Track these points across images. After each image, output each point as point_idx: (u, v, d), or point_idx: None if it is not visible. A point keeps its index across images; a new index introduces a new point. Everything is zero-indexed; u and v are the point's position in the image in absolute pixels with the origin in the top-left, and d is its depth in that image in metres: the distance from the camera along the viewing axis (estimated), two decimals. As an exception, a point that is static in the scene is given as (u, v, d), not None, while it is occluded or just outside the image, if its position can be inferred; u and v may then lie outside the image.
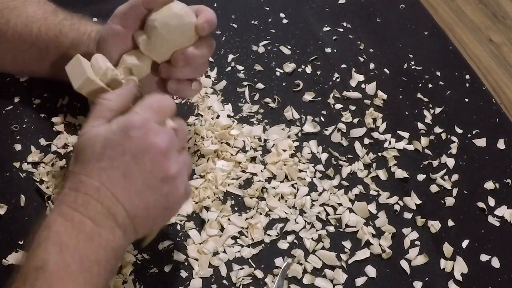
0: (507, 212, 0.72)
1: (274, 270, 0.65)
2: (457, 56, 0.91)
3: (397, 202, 0.72)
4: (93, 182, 0.51)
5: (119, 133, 0.52)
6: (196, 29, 0.63)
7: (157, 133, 0.53)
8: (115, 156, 0.52)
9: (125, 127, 0.53)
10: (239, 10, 0.93)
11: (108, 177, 0.51)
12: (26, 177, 0.69)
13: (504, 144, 0.79)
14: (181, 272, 0.64)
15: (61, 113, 0.75)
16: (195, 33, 0.63)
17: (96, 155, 0.52)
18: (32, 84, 0.78)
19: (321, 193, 0.72)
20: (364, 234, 0.68)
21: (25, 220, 0.65)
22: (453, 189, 0.73)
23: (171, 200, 0.55)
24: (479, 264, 0.67)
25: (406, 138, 0.78)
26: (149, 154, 0.52)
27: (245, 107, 0.80)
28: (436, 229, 0.69)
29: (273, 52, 0.88)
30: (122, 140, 0.52)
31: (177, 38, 0.63)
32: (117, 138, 0.52)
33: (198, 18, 0.63)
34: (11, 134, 0.73)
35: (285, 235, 0.68)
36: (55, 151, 0.72)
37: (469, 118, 0.82)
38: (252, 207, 0.70)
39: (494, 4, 1.02)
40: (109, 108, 0.56)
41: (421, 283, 0.65)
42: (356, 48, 0.90)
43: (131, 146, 0.52)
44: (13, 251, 0.63)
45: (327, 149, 0.76)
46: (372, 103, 0.82)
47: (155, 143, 0.53)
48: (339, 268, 0.65)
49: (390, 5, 0.97)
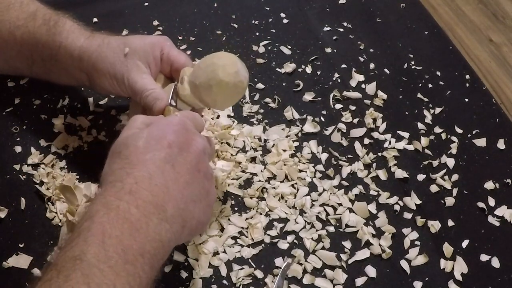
0: (507, 212, 0.72)
1: (274, 270, 0.65)
2: (457, 56, 0.91)
3: (397, 202, 0.72)
4: (142, 173, 0.49)
5: (161, 128, 0.53)
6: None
7: (194, 132, 0.56)
8: (161, 148, 0.52)
9: (166, 124, 0.54)
10: (240, 10, 0.93)
11: (158, 168, 0.50)
12: (26, 179, 0.69)
13: (504, 144, 0.79)
14: (181, 272, 0.64)
15: (61, 114, 0.76)
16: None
17: (140, 149, 0.51)
18: (32, 85, 0.78)
19: (321, 193, 0.72)
20: (364, 234, 0.68)
21: (25, 223, 0.66)
22: (453, 189, 0.73)
23: (211, 199, 0.55)
24: (479, 264, 0.67)
25: (406, 138, 0.78)
26: (192, 148, 0.53)
27: (245, 107, 0.80)
28: (436, 229, 0.69)
29: (273, 52, 0.88)
30: (165, 133, 0.53)
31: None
32: (159, 133, 0.53)
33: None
34: (11, 136, 0.73)
35: (285, 235, 0.68)
36: (55, 152, 0.72)
37: (469, 118, 0.82)
38: (252, 207, 0.70)
39: (494, 4, 1.02)
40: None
41: (421, 283, 0.65)
42: (356, 48, 0.90)
43: (175, 138, 0.53)
44: (14, 254, 0.63)
45: (327, 149, 0.76)
46: (372, 103, 0.82)
47: (195, 140, 0.54)
48: (339, 268, 0.65)
49: (390, 5, 0.97)
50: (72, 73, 0.68)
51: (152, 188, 0.49)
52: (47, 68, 0.69)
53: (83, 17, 0.71)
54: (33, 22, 0.67)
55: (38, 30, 0.67)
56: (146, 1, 0.93)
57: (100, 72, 0.65)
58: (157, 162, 0.51)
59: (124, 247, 0.45)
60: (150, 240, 0.47)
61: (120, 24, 0.88)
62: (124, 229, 0.46)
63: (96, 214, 0.47)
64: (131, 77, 0.64)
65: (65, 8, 0.71)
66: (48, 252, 0.63)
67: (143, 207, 0.48)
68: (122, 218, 0.46)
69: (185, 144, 0.53)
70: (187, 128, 0.55)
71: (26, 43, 0.68)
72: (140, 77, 0.64)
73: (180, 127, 0.54)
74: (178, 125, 0.55)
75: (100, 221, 0.46)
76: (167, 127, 0.54)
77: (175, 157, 0.52)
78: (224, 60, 0.61)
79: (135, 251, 0.46)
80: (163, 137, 0.53)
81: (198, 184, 0.53)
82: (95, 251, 0.44)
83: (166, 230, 0.49)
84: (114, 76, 0.64)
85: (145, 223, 0.47)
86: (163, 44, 0.67)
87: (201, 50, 0.86)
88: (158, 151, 0.51)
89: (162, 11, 0.92)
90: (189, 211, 0.52)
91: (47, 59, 0.68)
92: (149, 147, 0.52)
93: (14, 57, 0.70)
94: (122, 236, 0.46)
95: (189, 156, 0.53)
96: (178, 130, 0.54)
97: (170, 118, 0.56)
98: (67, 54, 0.66)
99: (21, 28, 0.67)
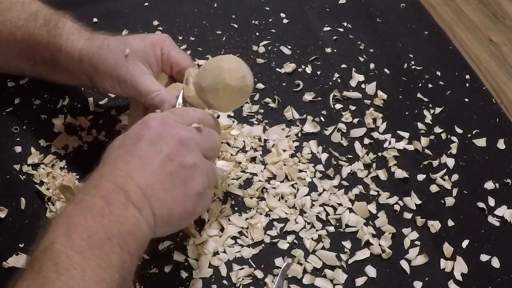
0: (507, 212, 0.72)
1: (274, 270, 0.65)
2: (457, 56, 0.91)
3: (397, 202, 0.72)
4: (107, 168, 0.52)
5: (138, 126, 0.55)
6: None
7: (175, 125, 0.55)
8: (132, 143, 0.53)
9: (144, 120, 0.55)
10: (240, 10, 0.93)
11: (123, 161, 0.52)
12: (26, 179, 0.69)
13: (504, 144, 0.79)
14: (181, 272, 0.64)
15: (61, 114, 0.76)
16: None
17: (114, 148, 0.54)
18: (32, 85, 0.78)
19: (321, 193, 0.72)
20: (364, 234, 0.68)
21: (25, 223, 0.66)
22: (453, 189, 0.73)
23: (190, 188, 0.54)
24: (479, 264, 0.67)
25: (406, 138, 0.78)
26: (166, 140, 0.54)
27: (245, 107, 0.80)
28: (436, 229, 0.69)
29: (273, 52, 0.88)
30: (139, 129, 0.54)
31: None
32: (135, 130, 0.55)
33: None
34: (11, 136, 0.73)
35: (285, 235, 0.68)
36: (55, 152, 0.72)
37: (469, 118, 0.82)
38: (252, 207, 0.70)
39: (494, 4, 1.02)
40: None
41: (421, 283, 0.65)
42: (356, 48, 0.90)
43: (148, 133, 0.54)
44: (14, 254, 0.63)
45: (327, 149, 0.76)
46: (372, 103, 0.82)
47: (172, 132, 0.55)
48: (339, 268, 0.65)
49: (390, 5, 0.97)
50: (73, 74, 0.68)
51: (115, 178, 0.50)
52: (49, 68, 0.69)
53: (83, 17, 0.71)
54: (34, 23, 0.67)
55: (39, 31, 0.67)
56: (146, 1, 0.93)
57: (101, 73, 0.65)
58: (124, 156, 0.52)
59: (90, 233, 0.47)
60: (116, 223, 0.48)
61: (120, 24, 0.88)
62: (88, 217, 0.47)
63: (64, 210, 0.49)
64: (134, 79, 0.64)
65: (65, 8, 0.71)
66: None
67: (106, 196, 0.49)
68: (86, 208, 0.48)
69: (158, 137, 0.54)
70: (165, 121, 0.55)
71: (27, 44, 0.68)
72: (144, 79, 0.64)
73: (156, 123, 0.55)
74: (154, 120, 0.55)
75: (66, 214, 0.48)
76: (142, 124, 0.55)
77: (144, 149, 0.53)
78: (231, 64, 0.61)
79: (101, 234, 0.47)
80: (136, 133, 0.54)
81: (170, 173, 0.53)
82: (62, 240, 0.46)
83: (133, 215, 0.50)
84: (115, 78, 0.64)
85: (108, 209, 0.48)
86: (163, 43, 0.67)
87: (201, 50, 0.86)
88: (128, 147, 0.53)
89: (162, 11, 0.92)
90: (158, 198, 0.52)
91: (48, 60, 0.68)
92: (122, 144, 0.54)
93: (15, 57, 0.70)
94: (86, 223, 0.47)
95: (162, 147, 0.53)
96: (153, 125, 0.55)
97: (150, 115, 0.56)
98: (67, 57, 0.66)
99: (21, 28, 0.67)
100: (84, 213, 0.48)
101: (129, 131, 0.55)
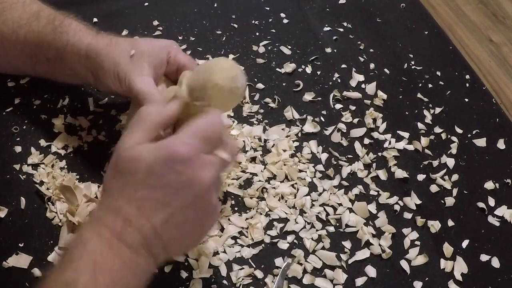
0: (507, 212, 0.72)
1: (274, 270, 0.65)
2: (457, 56, 0.91)
3: (397, 202, 0.72)
4: (132, 210, 0.49)
5: (164, 164, 0.49)
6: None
7: (203, 167, 0.50)
8: (157, 186, 0.50)
9: (171, 159, 0.49)
10: (240, 10, 0.93)
11: (149, 207, 0.49)
12: (26, 179, 0.69)
13: (504, 144, 0.79)
14: (181, 272, 0.64)
15: (61, 114, 0.76)
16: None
17: (137, 181, 0.50)
18: (32, 85, 0.78)
19: (321, 193, 0.72)
20: (364, 234, 0.68)
21: (25, 222, 0.66)
22: (453, 189, 0.73)
23: (206, 228, 0.55)
24: (479, 264, 0.67)
25: (406, 138, 0.78)
26: (192, 189, 0.50)
27: (245, 107, 0.80)
28: (436, 229, 0.69)
29: (273, 52, 0.88)
30: (166, 172, 0.49)
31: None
32: (161, 169, 0.49)
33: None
34: (11, 136, 0.73)
35: (285, 235, 0.68)
36: (55, 152, 0.72)
37: (469, 118, 0.82)
38: (252, 207, 0.70)
39: (494, 4, 1.02)
40: (156, 124, 0.53)
41: (421, 283, 0.65)
42: (356, 48, 0.90)
43: (175, 179, 0.50)
44: (14, 253, 0.63)
45: (327, 149, 0.76)
46: (372, 103, 0.82)
47: (199, 179, 0.50)
48: (339, 268, 0.65)
49: (390, 5, 0.97)
50: (77, 71, 0.68)
51: (141, 228, 0.49)
52: (51, 67, 0.69)
53: (83, 17, 0.71)
54: (37, 22, 0.68)
55: (43, 30, 0.67)
56: (146, 1, 0.93)
57: (105, 70, 0.65)
58: (150, 201, 0.49)
59: (114, 280, 0.47)
60: (136, 274, 0.49)
61: (120, 24, 0.88)
62: (116, 263, 0.47)
63: (88, 242, 0.48)
64: (131, 77, 0.64)
65: (65, 8, 0.71)
66: (48, 252, 0.63)
67: (132, 246, 0.49)
68: (114, 253, 0.48)
69: (186, 185, 0.50)
70: (194, 161, 0.50)
71: (30, 43, 0.68)
72: (140, 79, 0.64)
73: (185, 166, 0.50)
74: (184, 162, 0.50)
75: (93, 250, 0.47)
76: (170, 164, 0.50)
77: (169, 197, 0.50)
78: (223, 65, 0.60)
79: (121, 284, 0.47)
80: (162, 175, 0.49)
81: (192, 222, 0.52)
82: (86, 279, 0.45)
83: (149, 263, 0.50)
84: (117, 75, 0.65)
85: (135, 262, 0.49)
86: (171, 47, 0.68)
87: (201, 50, 0.86)
88: (152, 189, 0.50)
89: (162, 11, 0.92)
90: (175, 247, 0.53)
91: (52, 58, 0.68)
92: (146, 182, 0.50)
93: (17, 57, 0.70)
94: (112, 269, 0.47)
95: (185, 197, 0.50)
96: (182, 171, 0.50)
97: (179, 148, 0.50)
98: (73, 52, 0.66)
99: (24, 28, 0.68)
100: (113, 257, 0.47)
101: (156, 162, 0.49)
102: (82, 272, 0.46)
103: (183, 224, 0.51)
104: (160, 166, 0.49)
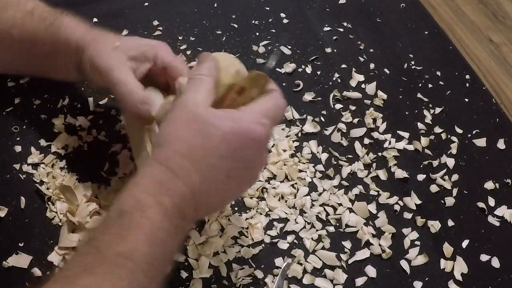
0: (507, 212, 0.72)
1: (274, 270, 0.65)
2: (457, 56, 0.91)
3: (397, 202, 0.72)
4: (196, 178, 0.49)
5: (241, 139, 0.50)
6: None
7: (266, 148, 0.55)
8: (228, 158, 0.50)
9: (249, 136, 0.50)
10: (240, 10, 0.93)
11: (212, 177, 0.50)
12: (26, 178, 0.69)
13: (504, 144, 0.79)
14: (181, 272, 0.64)
15: (61, 114, 0.76)
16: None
17: (209, 148, 0.50)
18: (32, 85, 0.78)
19: (321, 193, 0.72)
20: (364, 234, 0.68)
21: (25, 222, 0.66)
22: (453, 189, 0.73)
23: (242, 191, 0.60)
24: (479, 264, 0.67)
25: (406, 138, 0.78)
26: (256, 168, 0.54)
27: (245, 107, 0.80)
28: (436, 229, 0.69)
29: (273, 52, 0.88)
30: (240, 146, 0.50)
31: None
32: (237, 143, 0.50)
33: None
34: (11, 136, 0.73)
35: (285, 235, 0.68)
36: (55, 152, 0.72)
37: (469, 118, 0.82)
38: (252, 207, 0.70)
39: (494, 4, 1.02)
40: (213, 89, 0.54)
41: (421, 283, 0.65)
42: (356, 48, 0.90)
43: (247, 157, 0.51)
44: (14, 253, 0.63)
45: (327, 149, 0.76)
46: (372, 103, 0.82)
47: (263, 160, 0.55)
48: (339, 268, 0.65)
49: (390, 5, 0.97)
50: (69, 67, 0.68)
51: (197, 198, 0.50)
52: (45, 64, 0.69)
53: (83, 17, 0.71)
54: (31, 20, 0.68)
55: (37, 27, 0.67)
56: (146, 1, 0.93)
57: (88, 62, 0.64)
58: (216, 170, 0.50)
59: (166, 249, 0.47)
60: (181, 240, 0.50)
61: (120, 24, 0.88)
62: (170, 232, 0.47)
63: (148, 208, 0.47)
64: (110, 68, 0.63)
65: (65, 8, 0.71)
66: (48, 252, 0.63)
67: (183, 209, 0.49)
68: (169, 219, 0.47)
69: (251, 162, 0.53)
70: (264, 145, 0.53)
71: (24, 41, 0.68)
72: (118, 70, 0.62)
73: (256, 147, 0.52)
74: (257, 143, 0.52)
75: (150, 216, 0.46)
76: (245, 140, 0.51)
77: (232, 171, 0.51)
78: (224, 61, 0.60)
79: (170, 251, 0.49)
80: (235, 149, 0.50)
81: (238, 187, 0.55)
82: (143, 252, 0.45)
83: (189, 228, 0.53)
84: (98, 66, 0.63)
85: (182, 227, 0.49)
86: (159, 47, 0.66)
87: (201, 50, 0.86)
88: (221, 159, 0.50)
89: (162, 11, 0.92)
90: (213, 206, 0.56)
91: (45, 55, 0.68)
92: (217, 152, 0.50)
93: (10, 56, 0.70)
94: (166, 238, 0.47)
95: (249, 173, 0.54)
96: (252, 150, 0.52)
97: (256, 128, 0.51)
98: (65, 47, 0.66)
99: (18, 27, 0.68)
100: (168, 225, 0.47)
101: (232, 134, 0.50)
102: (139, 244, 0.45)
103: (228, 192, 0.54)
104: (236, 140, 0.50)
